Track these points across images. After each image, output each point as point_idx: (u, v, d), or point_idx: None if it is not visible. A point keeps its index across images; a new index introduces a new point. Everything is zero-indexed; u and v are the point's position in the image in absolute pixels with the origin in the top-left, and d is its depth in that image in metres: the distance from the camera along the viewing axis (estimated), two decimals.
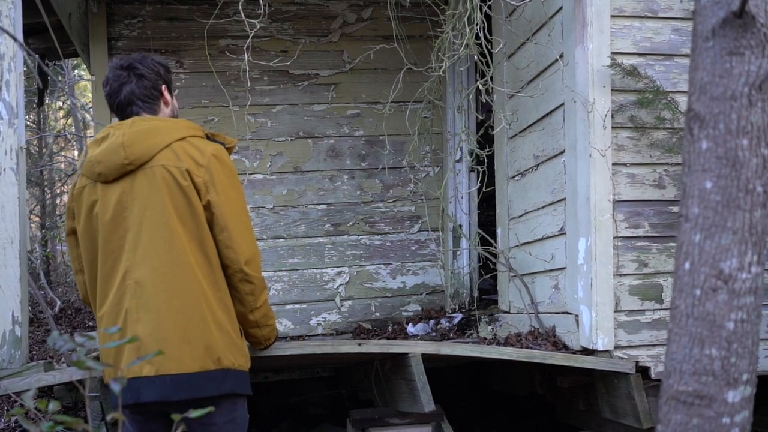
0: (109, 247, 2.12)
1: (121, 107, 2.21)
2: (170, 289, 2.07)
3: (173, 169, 2.10)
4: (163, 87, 2.26)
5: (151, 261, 2.08)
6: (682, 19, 2.99)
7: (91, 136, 8.40)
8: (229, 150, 2.29)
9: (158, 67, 2.26)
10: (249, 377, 2.21)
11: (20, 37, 2.69)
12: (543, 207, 3.32)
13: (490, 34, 3.20)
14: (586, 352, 2.92)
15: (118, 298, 2.09)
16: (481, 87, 3.17)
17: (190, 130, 2.20)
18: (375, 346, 2.84)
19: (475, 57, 3.22)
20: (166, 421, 2.06)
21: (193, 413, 1.38)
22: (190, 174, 2.10)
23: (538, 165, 3.37)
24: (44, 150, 8.38)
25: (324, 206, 4.27)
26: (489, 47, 3.13)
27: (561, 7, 3.08)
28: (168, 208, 2.09)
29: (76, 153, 9.78)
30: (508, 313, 3.66)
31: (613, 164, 2.92)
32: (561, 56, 3.06)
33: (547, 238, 3.28)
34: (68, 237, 2.27)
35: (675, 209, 3.00)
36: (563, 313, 3.12)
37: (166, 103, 2.27)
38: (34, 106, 7.22)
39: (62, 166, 9.47)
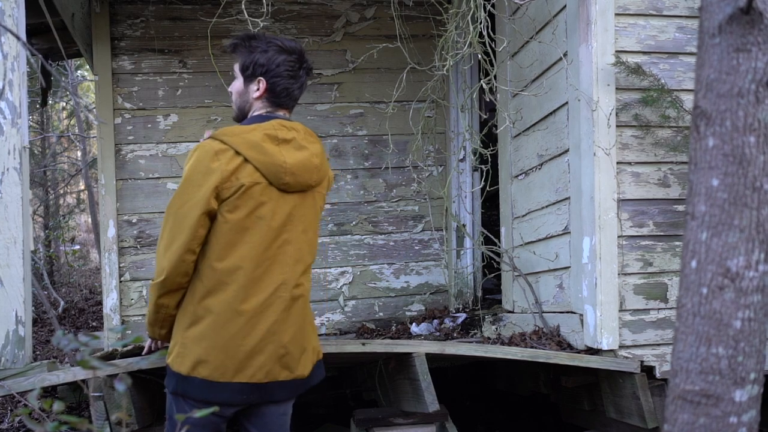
0: (267, 253, 2.09)
1: (293, 98, 2.21)
2: (301, 304, 2.17)
3: (324, 195, 2.26)
4: None
5: (304, 278, 2.18)
6: (687, 17, 2.98)
7: (94, 137, 8.42)
8: None
9: None
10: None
11: (23, 36, 2.68)
12: (547, 206, 3.31)
13: (494, 33, 3.19)
14: (591, 351, 2.91)
15: (266, 306, 2.08)
16: (484, 86, 3.16)
17: None
18: (379, 346, 2.83)
19: (479, 56, 3.21)
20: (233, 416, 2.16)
21: (198, 413, 1.40)
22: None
23: (542, 164, 3.36)
24: (47, 150, 8.39)
25: (327, 206, 4.26)
26: (492, 46, 3.12)
27: (565, 6, 3.07)
28: (317, 229, 2.23)
29: (79, 153, 9.79)
30: (512, 312, 3.65)
31: (617, 163, 2.90)
32: (565, 54, 3.05)
33: (551, 237, 3.27)
34: (201, 216, 2.04)
35: (680, 208, 2.99)
36: (567, 312, 3.11)
37: None
38: (38, 106, 7.23)
39: (65, 166, 9.48)
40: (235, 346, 2.04)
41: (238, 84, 2.22)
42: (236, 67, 2.22)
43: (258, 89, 2.18)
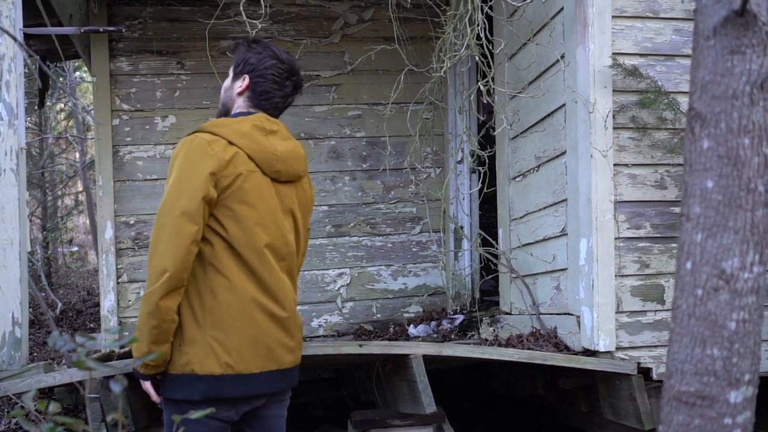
0: (275, 243, 2.13)
1: (279, 109, 2.26)
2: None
3: (308, 191, 2.29)
4: None
5: (295, 269, 2.23)
6: (684, 19, 2.98)
7: (92, 138, 8.41)
8: None
9: None
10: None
11: (20, 37, 2.69)
12: (544, 208, 3.31)
13: (492, 35, 3.19)
14: (588, 353, 2.92)
15: (273, 296, 2.12)
16: (482, 88, 3.16)
17: None
18: (376, 347, 2.83)
19: (477, 58, 3.21)
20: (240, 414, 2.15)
21: (194, 414, 1.39)
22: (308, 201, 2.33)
23: (539, 166, 3.36)
24: (45, 151, 8.39)
25: (325, 207, 4.27)
26: (490, 48, 3.13)
27: (562, 8, 3.08)
28: (299, 220, 2.24)
29: (77, 155, 9.79)
30: (510, 314, 3.65)
31: (614, 165, 2.91)
32: (562, 57, 3.06)
33: (549, 239, 3.27)
34: (201, 202, 2.02)
35: (676, 210, 3.00)
36: (565, 314, 3.11)
37: None
38: (36, 108, 7.23)
39: (63, 168, 9.48)
40: (263, 335, 2.06)
41: (227, 80, 2.26)
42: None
43: (241, 86, 2.20)
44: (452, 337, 3.69)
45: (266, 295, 2.08)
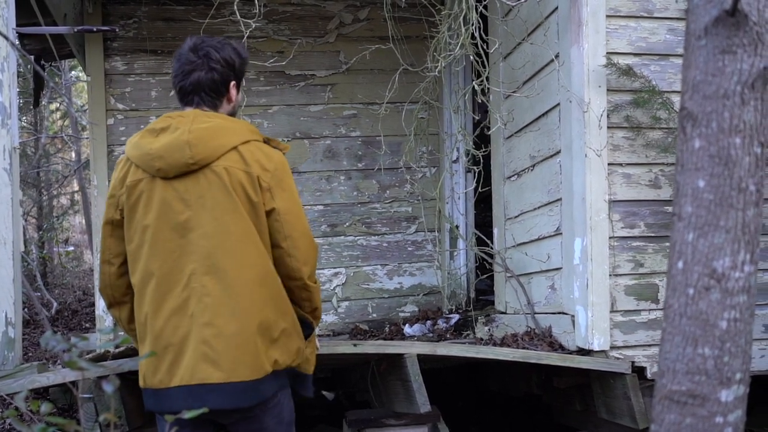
0: (167, 246, 2.01)
1: (185, 92, 2.12)
2: (238, 294, 2.01)
3: (240, 173, 2.02)
4: (232, 83, 2.14)
5: (222, 264, 2.00)
6: (678, 19, 2.99)
7: (87, 137, 8.40)
8: None
9: (234, 60, 2.13)
10: (296, 372, 2.20)
11: (13, 36, 2.68)
12: (539, 207, 3.32)
13: (486, 35, 3.19)
14: (583, 352, 2.92)
15: (183, 300, 2.00)
16: (477, 87, 3.16)
17: (253, 134, 2.12)
18: (371, 347, 2.83)
19: (471, 57, 3.21)
20: (210, 428, 2.08)
21: (187, 414, 1.39)
22: (259, 179, 2.04)
23: (534, 165, 3.37)
24: (41, 151, 8.37)
25: (320, 207, 4.26)
26: (485, 47, 3.13)
27: (556, 7, 3.08)
28: (239, 211, 2.01)
29: (73, 154, 9.77)
30: (505, 313, 3.65)
31: (608, 164, 2.91)
32: (557, 56, 3.06)
33: (544, 238, 3.28)
34: (105, 225, 2.12)
35: (670, 209, 2.99)
36: (559, 313, 3.12)
37: (230, 100, 2.16)
38: (31, 107, 7.21)
39: (59, 167, 9.46)
40: None
41: None
42: None
43: None
44: (447, 336, 3.69)
45: None
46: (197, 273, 1.99)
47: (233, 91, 2.16)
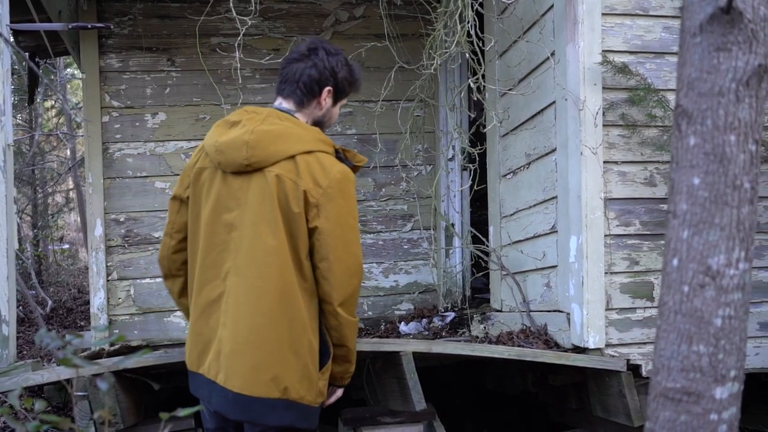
0: (215, 239, 2.03)
1: (281, 80, 2.12)
2: (255, 303, 1.97)
3: (288, 183, 1.97)
4: (328, 89, 2.11)
5: (247, 270, 1.98)
6: (673, 17, 2.99)
7: (82, 135, 8.38)
8: (355, 169, 2.16)
9: (339, 70, 2.12)
10: (317, 413, 2.11)
11: (6, 32, 2.67)
12: (535, 205, 3.32)
13: (482, 32, 3.19)
14: (578, 350, 2.92)
15: (218, 294, 2.01)
16: (472, 85, 3.16)
17: (320, 144, 2.04)
18: (366, 345, 2.83)
19: (467, 55, 3.21)
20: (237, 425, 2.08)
21: (182, 412, 1.38)
22: (306, 193, 1.97)
23: (529, 163, 3.37)
24: (35, 149, 8.34)
25: None
26: (481, 45, 3.13)
27: (552, 5, 3.08)
28: (276, 222, 1.96)
29: (68, 152, 9.74)
30: (501, 311, 3.66)
31: (604, 162, 2.91)
32: (552, 54, 3.06)
33: (539, 236, 3.28)
34: (172, 200, 2.17)
35: (666, 207, 3.00)
36: (555, 311, 3.12)
37: (320, 106, 2.12)
38: (26, 104, 7.19)
39: (54, 165, 9.43)
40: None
41: None
42: None
43: None
44: (443, 334, 3.69)
45: None
46: (231, 272, 2.01)
47: (327, 98, 2.12)
